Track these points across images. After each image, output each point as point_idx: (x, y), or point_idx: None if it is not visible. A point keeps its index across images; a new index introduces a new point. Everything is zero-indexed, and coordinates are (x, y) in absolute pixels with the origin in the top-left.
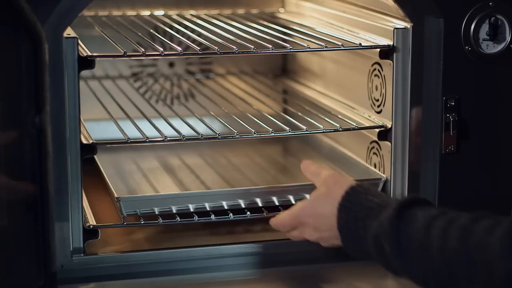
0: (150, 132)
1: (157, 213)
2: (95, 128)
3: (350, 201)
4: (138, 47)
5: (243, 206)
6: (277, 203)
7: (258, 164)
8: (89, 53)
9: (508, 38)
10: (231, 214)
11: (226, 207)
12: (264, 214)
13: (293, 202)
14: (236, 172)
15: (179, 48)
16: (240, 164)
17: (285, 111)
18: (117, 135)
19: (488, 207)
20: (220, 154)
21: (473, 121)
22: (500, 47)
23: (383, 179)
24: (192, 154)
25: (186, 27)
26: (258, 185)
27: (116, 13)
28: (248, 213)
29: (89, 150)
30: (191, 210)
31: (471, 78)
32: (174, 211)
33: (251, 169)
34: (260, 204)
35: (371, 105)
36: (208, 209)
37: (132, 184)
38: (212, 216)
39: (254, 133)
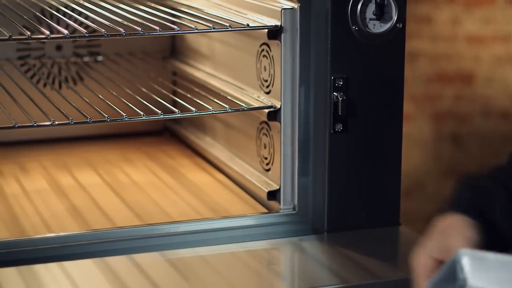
0: (38, 117)
1: None
2: None
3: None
4: (24, 30)
5: None
6: None
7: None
8: None
9: (395, 17)
10: None
11: None
12: None
13: None
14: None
15: (66, 31)
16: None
17: (174, 93)
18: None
19: (376, 186)
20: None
21: (361, 100)
22: (386, 26)
23: None
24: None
25: (73, 10)
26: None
27: None
28: None
29: None
30: None
31: (358, 58)
32: None
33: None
34: None
35: (260, 86)
36: None
37: None
38: None
39: (143, 116)
